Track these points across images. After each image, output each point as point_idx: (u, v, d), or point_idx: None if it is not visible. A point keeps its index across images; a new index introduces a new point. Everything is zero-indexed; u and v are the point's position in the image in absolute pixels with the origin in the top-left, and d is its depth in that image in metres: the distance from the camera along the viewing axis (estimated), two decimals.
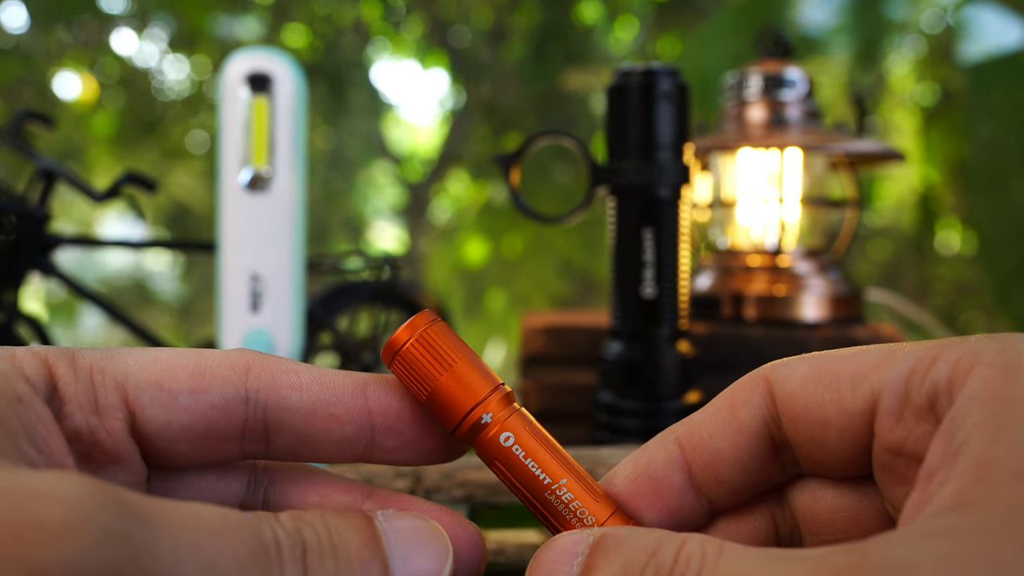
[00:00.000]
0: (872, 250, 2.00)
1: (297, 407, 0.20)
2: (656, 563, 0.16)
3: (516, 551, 0.39)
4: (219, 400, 0.20)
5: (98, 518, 0.14)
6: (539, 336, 0.63)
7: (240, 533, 0.16)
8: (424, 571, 0.18)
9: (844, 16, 1.37)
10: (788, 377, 0.20)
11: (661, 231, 0.50)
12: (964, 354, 0.17)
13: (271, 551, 0.16)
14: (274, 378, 0.20)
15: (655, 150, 0.49)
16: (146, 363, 0.20)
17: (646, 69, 0.50)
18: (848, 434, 0.19)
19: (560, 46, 2.02)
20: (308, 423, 0.20)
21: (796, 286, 0.63)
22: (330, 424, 0.20)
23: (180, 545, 0.15)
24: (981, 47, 1.23)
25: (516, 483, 0.21)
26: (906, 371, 0.18)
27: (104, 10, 1.81)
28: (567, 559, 0.18)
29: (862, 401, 0.19)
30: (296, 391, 0.20)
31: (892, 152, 0.64)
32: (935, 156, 1.62)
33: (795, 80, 0.64)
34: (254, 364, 0.20)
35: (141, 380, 0.19)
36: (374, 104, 2.28)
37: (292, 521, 0.17)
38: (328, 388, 0.20)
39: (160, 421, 0.19)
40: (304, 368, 0.21)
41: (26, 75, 1.84)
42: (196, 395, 0.20)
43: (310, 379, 0.20)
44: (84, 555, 0.14)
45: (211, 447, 0.20)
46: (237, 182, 0.53)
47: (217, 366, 0.20)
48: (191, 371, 0.20)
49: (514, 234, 2.29)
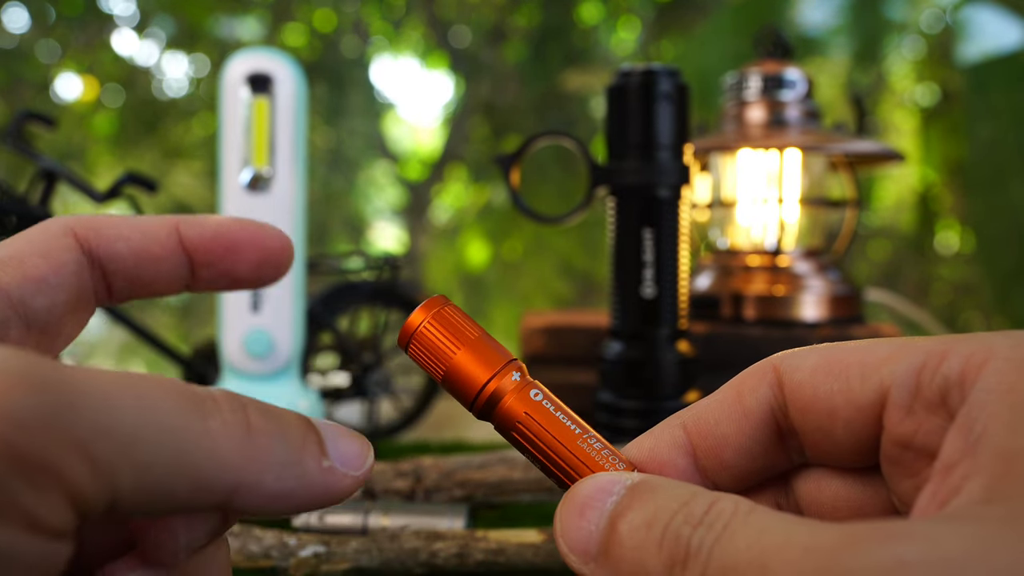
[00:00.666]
0: (871, 250, 2.01)
1: (125, 254, 0.23)
2: (687, 512, 0.17)
3: (516, 551, 0.39)
4: (76, 265, 0.22)
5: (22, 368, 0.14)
6: (539, 336, 0.64)
7: (174, 385, 0.16)
8: (354, 453, 0.19)
9: (843, 16, 1.37)
10: (797, 367, 0.20)
11: (661, 231, 0.50)
12: (976, 349, 0.17)
13: (207, 401, 0.16)
14: (101, 234, 0.22)
15: (655, 150, 0.50)
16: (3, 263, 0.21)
17: (646, 69, 0.50)
18: (856, 425, 0.19)
19: (560, 46, 2.02)
20: (136, 266, 0.23)
21: (795, 286, 0.63)
22: (154, 264, 0.23)
23: (109, 390, 0.15)
24: (980, 47, 1.23)
25: (546, 437, 0.21)
26: (917, 364, 0.18)
27: (104, 10, 1.81)
28: (602, 496, 0.18)
29: (871, 393, 0.19)
30: (123, 241, 0.23)
31: (891, 152, 0.64)
32: (934, 156, 1.62)
33: (794, 80, 0.64)
34: (78, 228, 0.22)
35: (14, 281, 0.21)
36: (374, 104, 2.28)
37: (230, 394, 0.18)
38: (147, 233, 0.23)
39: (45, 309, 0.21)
40: (121, 220, 0.23)
41: (27, 75, 1.84)
42: (58, 273, 0.21)
43: (130, 229, 0.23)
44: (14, 402, 0.14)
45: (82, 311, 0.22)
46: (238, 182, 0.54)
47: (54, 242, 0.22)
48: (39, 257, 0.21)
49: (514, 235, 2.30)
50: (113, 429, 0.15)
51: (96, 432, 0.15)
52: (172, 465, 0.15)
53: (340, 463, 0.19)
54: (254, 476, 0.17)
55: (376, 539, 0.39)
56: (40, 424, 0.14)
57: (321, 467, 0.18)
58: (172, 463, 0.15)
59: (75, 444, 0.14)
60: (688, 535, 0.16)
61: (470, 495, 0.46)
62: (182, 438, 0.16)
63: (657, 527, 0.17)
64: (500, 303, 2.43)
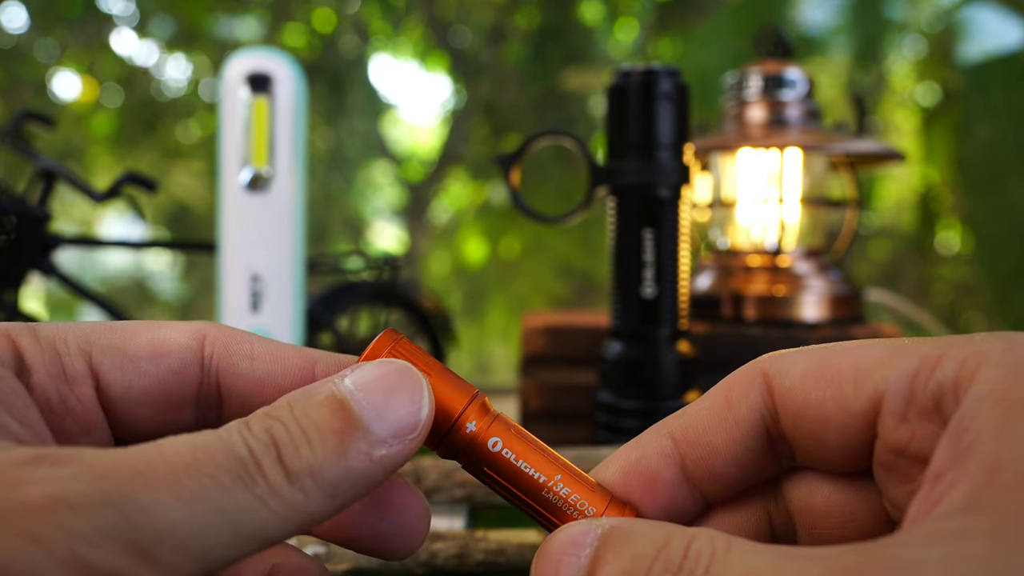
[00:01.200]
0: (872, 250, 2.00)
1: (248, 375, 0.21)
2: (665, 558, 0.16)
3: (516, 551, 0.39)
4: (177, 365, 0.20)
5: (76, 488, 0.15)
6: (539, 336, 0.63)
7: (214, 457, 0.16)
8: (405, 421, 0.18)
9: (844, 16, 1.37)
10: (787, 372, 0.20)
11: (661, 231, 0.50)
12: (970, 354, 0.17)
13: (248, 463, 0.16)
14: (228, 346, 0.21)
15: (655, 150, 0.49)
16: (106, 331, 0.20)
17: (646, 69, 0.50)
18: (848, 432, 0.19)
19: (560, 46, 2.02)
20: (257, 392, 0.21)
21: (796, 286, 0.63)
22: (277, 395, 0.21)
23: (160, 494, 0.15)
24: (980, 47, 1.23)
25: (509, 487, 0.20)
26: (911, 370, 0.18)
27: (103, 10, 1.81)
28: (575, 550, 0.18)
29: (865, 400, 0.18)
30: (248, 360, 0.21)
31: (892, 152, 0.64)
32: (935, 156, 1.62)
33: (795, 80, 0.64)
34: (210, 332, 0.21)
35: (104, 346, 0.20)
36: (373, 104, 2.28)
37: (260, 422, 0.17)
38: (278, 360, 0.21)
39: (122, 385, 0.20)
40: (257, 339, 0.21)
41: (26, 75, 1.84)
42: (155, 360, 0.20)
43: (262, 350, 0.21)
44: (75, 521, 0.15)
45: (168, 412, 0.21)
46: (237, 182, 0.53)
47: (175, 333, 0.21)
48: (150, 337, 0.20)
49: (512, 235, 2.30)
50: (170, 532, 0.15)
51: (156, 537, 0.15)
52: (228, 542, 0.16)
53: (391, 437, 0.18)
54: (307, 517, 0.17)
55: None
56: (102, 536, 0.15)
57: (371, 460, 0.18)
58: (227, 541, 0.16)
59: (136, 550, 0.15)
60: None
61: (470, 495, 0.46)
62: (234, 519, 0.16)
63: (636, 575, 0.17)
64: (497, 303, 2.43)
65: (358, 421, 0.17)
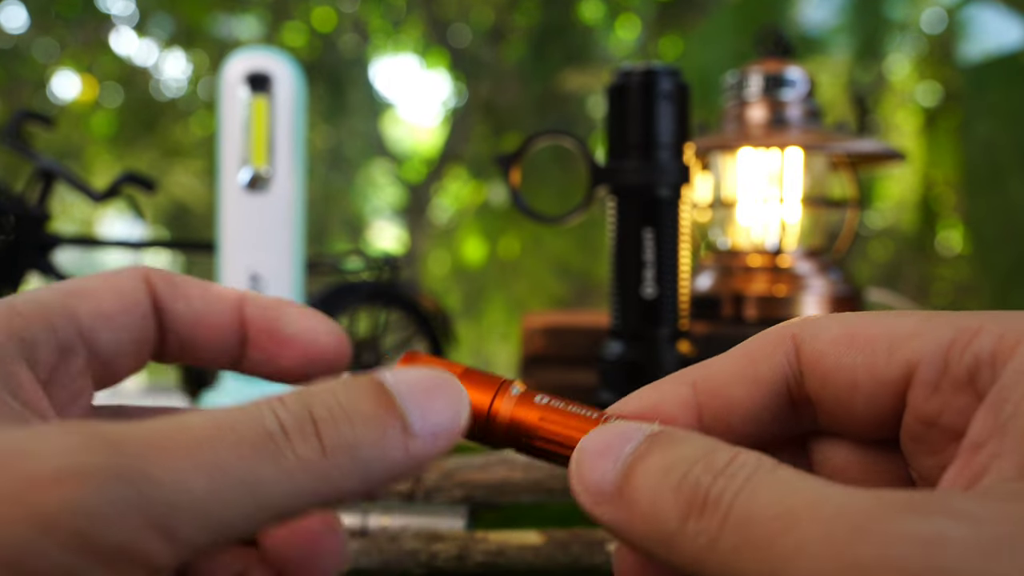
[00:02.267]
0: (873, 250, 2.01)
1: (183, 316, 0.22)
2: (708, 461, 0.17)
3: (516, 552, 0.39)
4: (144, 312, 0.21)
5: (88, 460, 0.15)
6: (539, 336, 0.63)
7: (236, 431, 0.16)
8: (443, 422, 0.18)
9: (844, 15, 1.37)
10: (817, 336, 0.20)
11: (661, 231, 0.50)
12: (1008, 328, 0.17)
13: (277, 436, 0.16)
14: (168, 289, 0.22)
15: (655, 150, 0.49)
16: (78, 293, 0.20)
17: (646, 69, 0.50)
18: (878, 400, 0.19)
19: (560, 46, 2.02)
20: (192, 328, 0.22)
21: (796, 286, 0.63)
22: (208, 332, 0.22)
23: (178, 464, 0.15)
24: (980, 47, 1.23)
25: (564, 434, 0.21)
26: (946, 341, 0.18)
27: (102, 10, 1.81)
28: (621, 442, 0.18)
29: (897, 369, 0.18)
30: (184, 301, 0.22)
31: (893, 152, 0.64)
32: (936, 156, 1.62)
33: (796, 80, 0.64)
34: (155, 277, 0.22)
35: (87, 312, 0.20)
36: (373, 103, 2.28)
37: (298, 400, 0.17)
38: (210, 299, 0.22)
39: (108, 344, 0.21)
40: (189, 281, 0.22)
41: (25, 75, 1.85)
42: (127, 313, 0.21)
43: (195, 292, 0.22)
44: (85, 497, 0.14)
45: (137, 360, 0.22)
46: (237, 181, 0.53)
47: (130, 281, 0.21)
48: (115, 293, 0.21)
49: (511, 235, 2.30)
50: (189, 504, 0.15)
51: (172, 509, 0.15)
52: (249, 514, 0.16)
53: (430, 433, 0.18)
54: (335, 493, 0.17)
55: (376, 540, 0.39)
56: (116, 512, 0.14)
57: (407, 452, 0.17)
58: (249, 512, 0.16)
59: (151, 524, 0.15)
60: (708, 484, 0.16)
61: (470, 496, 0.46)
62: (257, 491, 0.16)
63: (675, 473, 0.17)
64: (497, 303, 2.43)
65: (400, 411, 0.18)
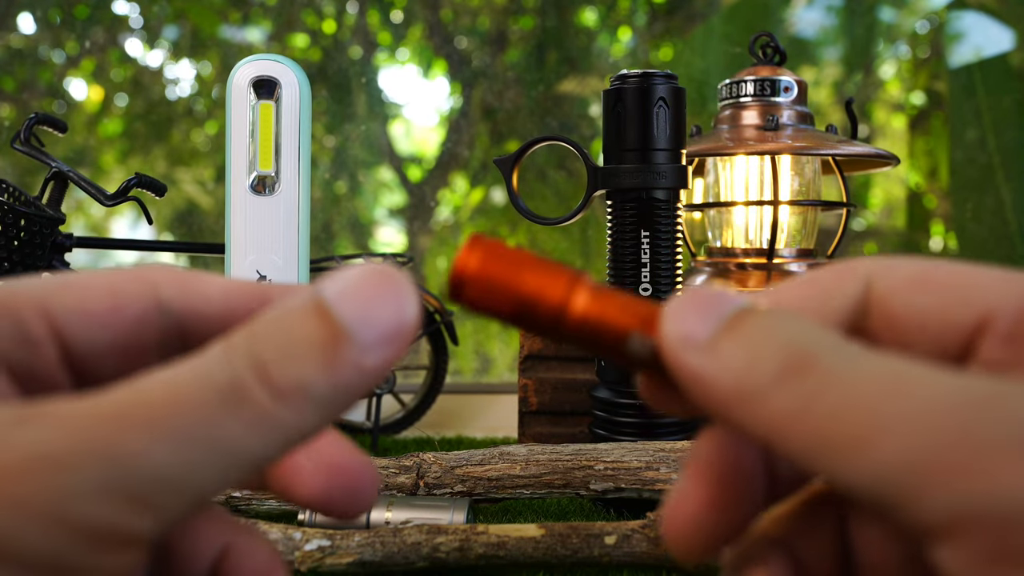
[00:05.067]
0: (864, 251, 2.01)
1: (206, 314, 0.20)
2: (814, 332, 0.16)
3: (516, 545, 0.40)
4: (138, 313, 0.20)
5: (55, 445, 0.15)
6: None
7: (192, 392, 0.16)
8: (392, 323, 0.17)
9: (835, 21, 1.38)
10: (891, 274, 0.19)
11: (658, 232, 0.51)
12: None
13: (231, 389, 0.16)
14: (182, 288, 0.20)
15: (652, 153, 0.51)
16: (61, 287, 0.20)
17: (643, 73, 0.51)
18: (943, 344, 0.18)
19: (559, 52, 2.04)
20: (219, 330, 0.20)
21: None
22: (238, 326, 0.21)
23: (143, 437, 0.15)
24: (966, 53, 1.25)
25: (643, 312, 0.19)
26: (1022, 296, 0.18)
27: (115, 13, 1.82)
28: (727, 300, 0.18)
29: (970, 316, 0.18)
30: (204, 299, 0.20)
31: (883, 154, 0.65)
32: (924, 159, 1.63)
33: (788, 85, 0.65)
34: (161, 277, 0.20)
35: (62, 306, 0.19)
36: (378, 107, 2.30)
37: (244, 341, 0.17)
38: (234, 296, 0.21)
39: (86, 342, 0.19)
40: (210, 278, 0.21)
41: (37, 79, 1.86)
42: (116, 312, 0.20)
43: (216, 288, 0.21)
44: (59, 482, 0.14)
45: (133, 363, 0.20)
46: (244, 184, 0.55)
47: (130, 283, 0.20)
48: (107, 289, 0.20)
49: (509, 236, 2.31)
50: (160, 475, 0.15)
51: (144, 482, 0.15)
52: (222, 474, 0.16)
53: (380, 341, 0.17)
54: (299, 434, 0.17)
55: (379, 533, 0.40)
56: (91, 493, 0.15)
57: (360, 369, 0.17)
58: (221, 472, 0.16)
59: (127, 500, 0.15)
60: (815, 349, 0.16)
61: (471, 490, 0.47)
62: (224, 448, 0.16)
63: (782, 332, 0.16)
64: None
65: (343, 330, 0.17)
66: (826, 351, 0.16)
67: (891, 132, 1.76)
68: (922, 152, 1.56)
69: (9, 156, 1.46)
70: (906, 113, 1.57)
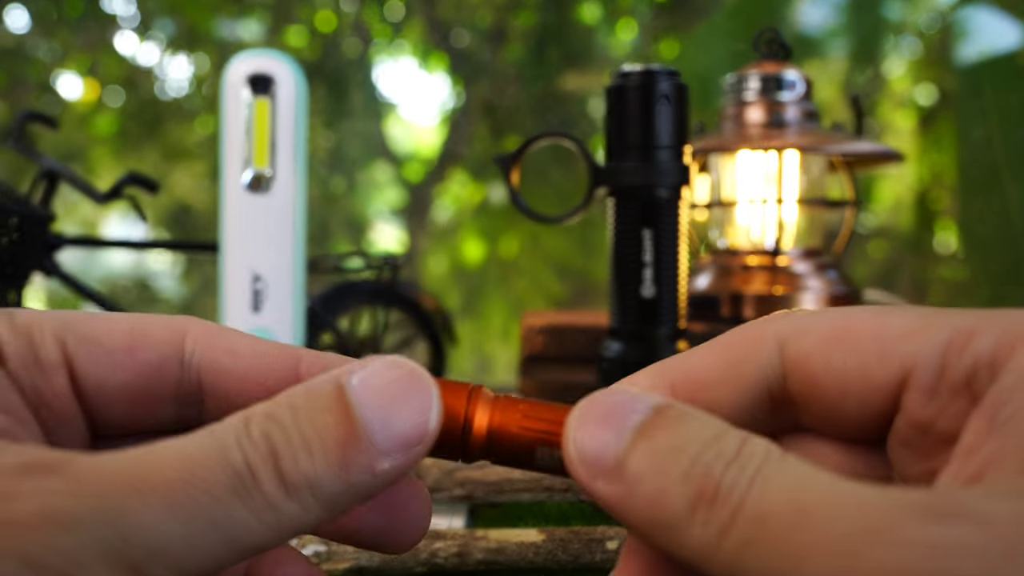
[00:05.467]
0: (870, 250, 2.01)
1: (231, 372, 0.20)
2: (719, 447, 0.16)
3: (516, 550, 0.39)
4: (155, 359, 0.20)
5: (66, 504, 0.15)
6: (539, 336, 0.64)
7: (209, 469, 0.16)
8: (412, 431, 0.17)
9: (842, 17, 1.38)
10: (803, 335, 0.19)
11: (660, 231, 0.50)
12: (1006, 329, 0.16)
13: (243, 475, 0.16)
14: (210, 341, 0.20)
15: (654, 151, 0.50)
16: (83, 320, 0.19)
17: (645, 70, 0.50)
18: (869, 403, 0.18)
19: (560, 47, 2.03)
20: (240, 389, 0.20)
21: (794, 286, 0.63)
22: (261, 392, 0.20)
23: (152, 509, 0.15)
24: (975, 49, 1.24)
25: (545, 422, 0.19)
26: (942, 343, 0.17)
27: (106, 11, 1.82)
28: (626, 411, 0.17)
29: (891, 372, 0.18)
30: (230, 356, 0.20)
31: (890, 153, 0.65)
32: (932, 157, 1.63)
33: (793, 81, 0.64)
34: (192, 328, 0.20)
35: (80, 335, 0.19)
36: (375, 104, 2.29)
37: (260, 425, 0.16)
38: (262, 356, 0.20)
39: (97, 377, 0.19)
40: (241, 336, 0.21)
41: (28, 76, 1.85)
42: (132, 353, 0.19)
43: (245, 346, 0.20)
44: (64, 541, 0.14)
45: (146, 407, 0.20)
46: (239, 182, 0.54)
47: (155, 327, 0.20)
48: (128, 330, 0.20)
49: (510, 235, 2.30)
50: (163, 548, 0.15)
51: (149, 555, 0.15)
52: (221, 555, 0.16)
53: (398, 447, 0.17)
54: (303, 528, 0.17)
55: None
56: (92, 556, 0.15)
57: (372, 474, 0.17)
58: (221, 554, 0.16)
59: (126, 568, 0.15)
60: (720, 473, 0.15)
61: (470, 494, 0.47)
62: (228, 532, 0.16)
63: (684, 457, 0.16)
64: (497, 303, 2.43)
65: (362, 431, 0.17)
66: (732, 474, 0.15)
67: (898, 129, 1.76)
68: (931, 151, 1.55)
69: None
70: (913, 111, 1.57)
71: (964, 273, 1.75)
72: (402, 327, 0.73)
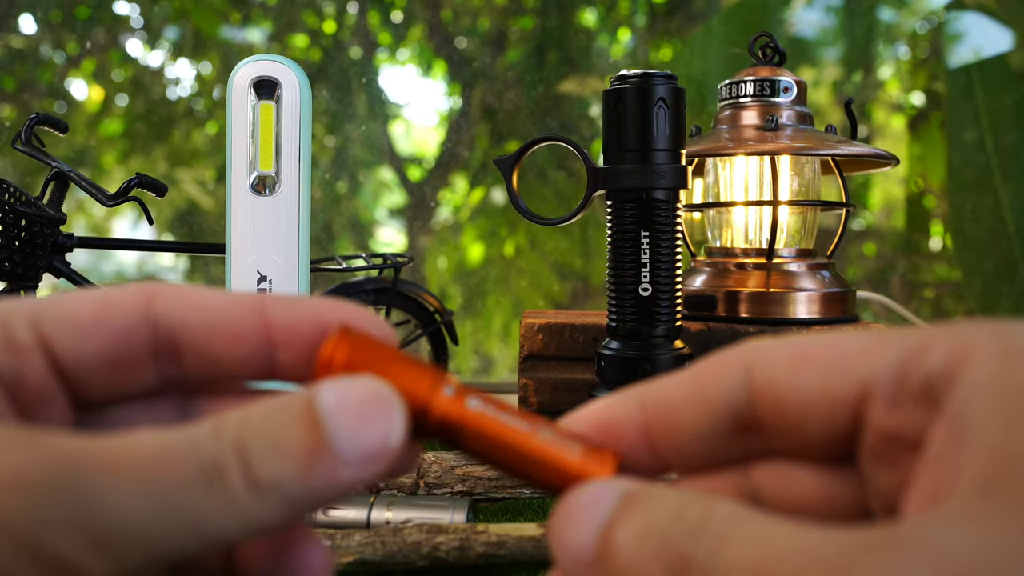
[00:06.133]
0: (864, 250, 2.02)
1: (200, 326, 0.21)
2: (682, 521, 0.17)
3: (516, 544, 0.40)
4: (124, 324, 0.20)
5: (36, 472, 0.15)
6: (538, 334, 0.65)
7: (179, 459, 0.17)
8: (375, 446, 0.18)
9: (835, 21, 1.39)
10: (769, 360, 0.19)
11: (657, 232, 0.51)
12: (956, 341, 0.17)
13: (211, 472, 0.17)
14: (177, 301, 0.21)
15: (652, 153, 0.51)
16: (54, 301, 0.20)
17: (642, 73, 0.51)
18: (833, 420, 0.19)
19: (559, 52, 2.04)
20: (211, 341, 0.21)
21: (789, 285, 0.64)
22: (231, 340, 0.21)
23: (122, 486, 0.16)
24: (965, 53, 1.25)
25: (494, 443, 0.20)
26: (897, 358, 0.18)
27: (116, 12, 1.82)
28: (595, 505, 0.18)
29: (851, 387, 0.18)
30: (197, 311, 0.21)
31: (883, 155, 0.66)
32: (923, 159, 1.64)
33: (787, 85, 0.65)
34: (157, 291, 0.21)
35: (52, 316, 0.20)
36: (378, 107, 2.30)
37: (233, 428, 0.17)
38: (227, 307, 0.21)
39: (72, 352, 0.20)
40: (205, 291, 0.21)
41: (37, 79, 1.86)
42: (102, 323, 0.20)
43: (211, 300, 0.21)
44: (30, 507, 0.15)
45: (125, 373, 0.21)
46: (244, 185, 0.55)
47: (122, 296, 0.21)
48: (96, 301, 0.20)
49: (509, 236, 2.31)
50: (128, 526, 0.16)
51: (111, 529, 0.16)
52: (184, 542, 0.16)
53: (360, 459, 0.18)
54: (266, 525, 0.17)
55: (379, 533, 0.40)
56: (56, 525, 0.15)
57: (334, 481, 0.18)
58: (184, 540, 0.16)
59: (90, 541, 0.15)
60: (688, 548, 0.16)
61: (471, 489, 0.47)
62: (194, 521, 0.16)
63: (653, 539, 0.17)
64: (497, 303, 2.43)
65: (328, 442, 0.18)
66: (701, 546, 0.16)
67: (890, 132, 1.77)
68: (922, 153, 1.56)
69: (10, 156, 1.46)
70: (905, 113, 1.58)
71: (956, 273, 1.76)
72: (404, 327, 0.74)
